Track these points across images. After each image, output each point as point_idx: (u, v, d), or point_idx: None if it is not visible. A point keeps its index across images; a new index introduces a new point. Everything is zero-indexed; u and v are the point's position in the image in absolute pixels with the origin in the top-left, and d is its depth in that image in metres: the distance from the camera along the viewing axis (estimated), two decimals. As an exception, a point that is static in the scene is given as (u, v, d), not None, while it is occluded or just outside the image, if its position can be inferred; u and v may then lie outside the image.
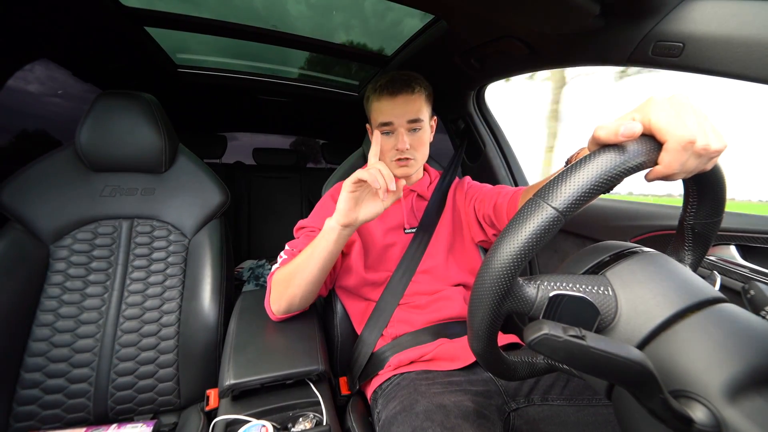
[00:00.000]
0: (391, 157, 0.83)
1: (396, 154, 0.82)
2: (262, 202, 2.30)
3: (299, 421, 0.62)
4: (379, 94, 0.82)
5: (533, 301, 0.36)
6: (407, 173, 0.85)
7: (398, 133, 0.81)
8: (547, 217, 0.32)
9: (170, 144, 0.96)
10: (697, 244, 0.45)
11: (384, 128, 0.82)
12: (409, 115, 0.80)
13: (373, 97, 0.83)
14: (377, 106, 0.82)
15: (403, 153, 0.82)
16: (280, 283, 0.76)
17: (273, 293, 0.77)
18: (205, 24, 1.14)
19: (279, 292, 0.77)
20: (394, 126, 0.81)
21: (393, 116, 0.80)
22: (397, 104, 0.80)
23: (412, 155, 0.83)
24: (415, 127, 0.82)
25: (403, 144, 0.80)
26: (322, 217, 0.85)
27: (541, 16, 0.72)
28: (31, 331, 0.81)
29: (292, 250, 0.81)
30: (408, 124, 0.81)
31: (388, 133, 0.82)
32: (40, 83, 1.31)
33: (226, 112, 2.11)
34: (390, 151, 0.83)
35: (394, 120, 0.80)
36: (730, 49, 0.54)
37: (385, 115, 0.81)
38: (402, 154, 0.82)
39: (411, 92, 0.81)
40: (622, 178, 0.32)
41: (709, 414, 0.28)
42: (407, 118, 0.80)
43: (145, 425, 0.78)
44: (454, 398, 0.62)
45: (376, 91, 0.83)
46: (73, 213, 0.89)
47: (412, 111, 0.81)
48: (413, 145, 0.82)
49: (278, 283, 0.76)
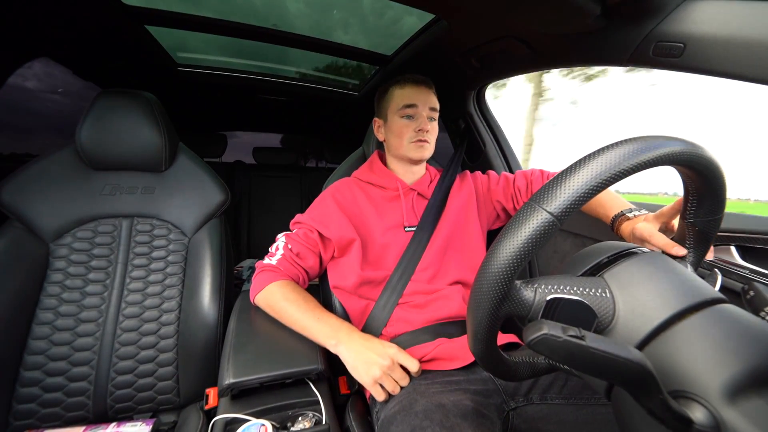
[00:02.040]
0: (410, 138, 0.87)
1: (416, 135, 0.87)
2: (262, 201, 2.30)
3: (298, 420, 0.62)
4: (403, 84, 0.89)
5: (531, 304, 0.36)
6: (424, 156, 0.89)
7: (421, 116, 0.87)
8: (542, 221, 0.32)
9: (170, 143, 0.96)
10: (697, 243, 0.45)
11: (408, 110, 0.87)
12: (431, 102, 0.89)
13: (396, 87, 0.90)
14: (401, 93, 0.89)
15: (423, 134, 0.86)
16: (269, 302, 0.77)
17: (260, 298, 0.79)
18: (206, 22, 1.14)
19: (265, 303, 0.78)
20: (418, 109, 0.87)
21: (418, 100, 0.87)
22: (421, 92, 0.88)
23: (431, 139, 0.89)
24: (433, 116, 0.89)
25: (426, 124, 0.86)
26: (319, 214, 0.86)
27: (542, 16, 0.72)
28: (31, 330, 0.81)
29: (288, 245, 0.83)
30: (429, 111, 0.88)
31: (410, 117, 0.87)
32: (40, 81, 1.31)
33: (227, 110, 2.10)
34: (410, 132, 0.87)
35: (419, 103, 0.87)
36: (730, 49, 0.54)
37: (411, 98, 0.87)
38: (423, 135, 0.86)
39: (430, 87, 0.90)
40: (617, 180, 0.32)
41: (709, 414, 0.28)
42: (429, 105, 0.88)
43: (144, 424, 0.78)
44: (453, 397, 0.62)
45: (398, 82, 0.90)
46: (73, 211, 0.89)
47: (433, 101, 0.89)
48: (431, 131, 0.88)
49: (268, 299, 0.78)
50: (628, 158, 0.32)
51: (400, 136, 0.88)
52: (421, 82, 0.89)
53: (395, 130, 0.89)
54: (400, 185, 0.90)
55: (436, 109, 0.89)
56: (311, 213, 0.87)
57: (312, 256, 0.84)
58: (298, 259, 0.82)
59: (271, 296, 0.77)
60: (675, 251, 0.47)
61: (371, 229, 0.86)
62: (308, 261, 0.83)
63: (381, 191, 0.91)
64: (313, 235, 0.84)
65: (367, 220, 0.86)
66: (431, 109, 0.88)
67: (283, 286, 0.77)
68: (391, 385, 0.65)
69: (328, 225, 0.84)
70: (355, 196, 0.89)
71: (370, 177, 0.93)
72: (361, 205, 0.88)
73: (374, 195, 0.90)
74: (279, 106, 1.99)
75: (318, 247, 0.84)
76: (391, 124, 0.91)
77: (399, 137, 0.88)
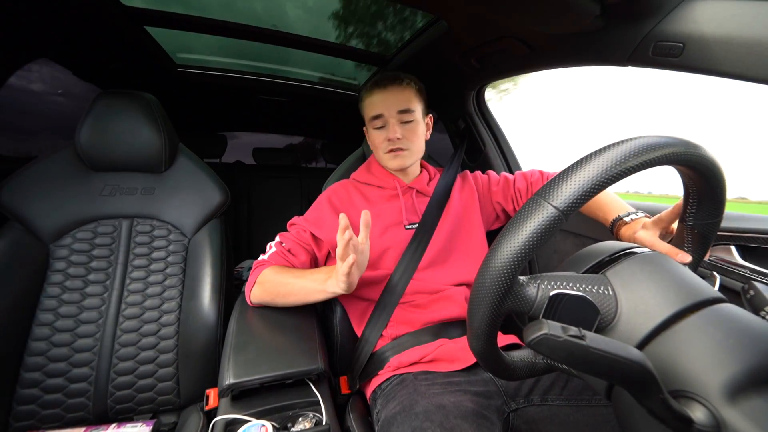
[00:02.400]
0: (384, 149, 0.85)
1: (388, 144, 0.84)
2: (262, 201, 2.30)
3: (299, 421, 0.62)
4: (370, 90, 0.85)
5: (533, 300, 0.36)
6: (402, 164, 0.86)
7: (389, 123, 0.83)
8: (547, 216, 0.32)
9: (170, 143, 0.96)
10: (696, 245, 0.45)
11: (375, 122, 0.85)
12: (399, 105, 0.83)
13: (365, 95, 0.87)
14: (369, 102, 0.86)
15: (394, 143, 0.83)
16: (265, 286, 0.78)
17: (256, 289, 0.79)
18: (206, 23, 1.14)
19: (261, 291, 0.79)
20: (384, 118, 0.83)
21: (384, 107, 0.83)
22: (387, 96, 0.83)
23: (406, 146, 0.84)
24: (407, 119, 0.84)
25: (394, 133, 0.82)
26: (314, 217, 0.86)
27: (541, 16, 0.72)
28: (31, 331, 0.81)
29: (281, 243, 0.84)
30: (398, 114, 0.83)
31: (380, 127, 0.85)
32: (41, 82, 1.31)
33: (226, 111, 2.11)
34: (382, 143, 0.85)
35: (384, 111, 0.83)
36: (730, 49, 0.54)
37: (376, 107, 0.84)
38: (394, 144, 0.83)
39: (400, 84, 0.84)
40: (622, 177, 0.32)
41: (709, 414, 0.28)
42: (397, 108, 0.83)
43: (144, 425, 0.78)
44: (453, 398, 0.62)
45: (367, 88, 0.86)
46: (73, 212, 0.89)
47: (402, 101, 0.83)
48: (406, 135, 0.84)
49: (263, 284, 0.78)
50: (632, 156, 0.32)
51: (376, 147, 0.88)
52: (387, 84, 0.83)
53: (372, 140, 0.89)
54: (398, 184, 0.90)
55: (409, 110, 0.83)
56: (307, 215, 0.88)
57: (304, 252, 0.84)
58: (290, 254, 0.83)
59: (263, 282, 0.78)
60: (680, 258, 0.47)
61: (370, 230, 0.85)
62: (300, 257, 0.83)
63: (379, 191, 0.91)
64: (305, 235, 0.84)
65: None
66: (402, 112, 0.82)
67: (273, 269, 0.79)
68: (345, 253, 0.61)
69: (321, 226, 0.84)
70: (352, 198, 0.89)
71: (368, 178, 0.93)
72: (357, 206, 0.87)
73: (372, 195, 0.90)
74: (279, 107, 1.99)
75: (311, 246, 0.85)
76: (369, 134, 0.91)
77: (376, 148, 0.88)
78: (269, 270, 0.79)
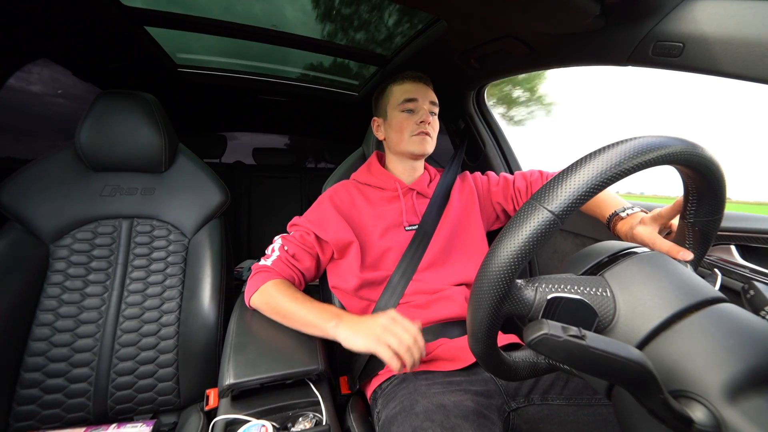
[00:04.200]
0: (412, 131, 0.88)
1: (418, 128, 0.87)
2: (262, 201, 2.30)
3: (299, 421, 0.62)
4: (402, 80, 0.90)
5: (531, 303, 0.36)
6: (426, 150, 0.89)
7: (422, 109, 0.88)
8: (543, 220, 0.32)
9: (170, 144, 0.96)
10: (697, 243, 0.45)
11: (408, 104, 0.88)
12: (431, 97, 0.90)
13: (395, 84, 0.91)
14: (400, 88, 0.90)
15: (425, 126, 0.87)
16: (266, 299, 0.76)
17: (256, 297, 0.78)
18: (206, 23, 1.14)
19: (261, 302, 0.77)
20: (418, 103, 0.88)
21: (418, 94, 0.88)
22: (420, 87, 0.90)
23: (431, 133, 0.89)
24: (434, 111, 0.90)
25: (428, 117, 0.87)
26: (316, 217, 0.85)
27: (541, 16, 0.72)
28: (31, 331, 0.81)
29: (284, 247, 0.82)
30: (429, 105, 0.89)
31: (411, 111, 0.88)
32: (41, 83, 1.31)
33: (226, 111, 2.11)
34: (411, 126, 0.88)
35: (419, 97, 0.88)
36: (730, 49, 0.54)
37: (411, 92, 0.88)
38: (424, 127, 0.87)
39: (428, 83, 0.92)
40: (618, 180, 0.32)
41: (709, 414, 0.28)
42: (429, 99, 0.89)
43: (144, 425, 0.78)
44: (453, 398, 0.62)
45: (396, 80, 0.91)
46: (73, 212, 0.89)
47: (432, 95, 0.91)
48: (432, 125, 0.89)
49: (264, 296, 0.76)
50: (629, 158, 0.32)
51: (400, 130, 0.88)
52: (419, 79, 0.90)
53: (396, 125, 0.89)
54: (398, 185, 0.90)
55: (435, 103, 0.90)
56: (308, 216, 0.87)
57: (308, 257, 0.83)
58: (294, 260, 0.82)
59: (265, 294, 0.76)
60: (682, 256, 0.46)
61: (369, 231, 0.85)
62: (304, 263, 0.83)
63: (379, 192, 0.91)
64: (309, 238, 0.83)
65: (365, 222, 0.86)
66: (431, 104, 0.89)
67: (278, 284, 0.77)
68: (395, 340, 0.61)
69: (325, 228, 0.83)
70: (353, 199, 0.89)
71: (368, 179, 0.93)
72: (358, 207, 0.87)
73: (372, 196, 0.90)
74: (279, 107, 1.99)
75: (315, 249, 0.84)
76: (391, 119, 0.91)
77: (399, 132, 0.88)
78: (274, 284, 0.77)
